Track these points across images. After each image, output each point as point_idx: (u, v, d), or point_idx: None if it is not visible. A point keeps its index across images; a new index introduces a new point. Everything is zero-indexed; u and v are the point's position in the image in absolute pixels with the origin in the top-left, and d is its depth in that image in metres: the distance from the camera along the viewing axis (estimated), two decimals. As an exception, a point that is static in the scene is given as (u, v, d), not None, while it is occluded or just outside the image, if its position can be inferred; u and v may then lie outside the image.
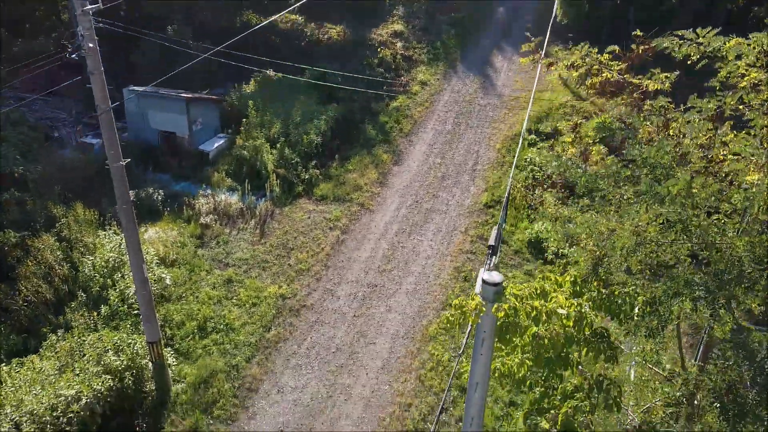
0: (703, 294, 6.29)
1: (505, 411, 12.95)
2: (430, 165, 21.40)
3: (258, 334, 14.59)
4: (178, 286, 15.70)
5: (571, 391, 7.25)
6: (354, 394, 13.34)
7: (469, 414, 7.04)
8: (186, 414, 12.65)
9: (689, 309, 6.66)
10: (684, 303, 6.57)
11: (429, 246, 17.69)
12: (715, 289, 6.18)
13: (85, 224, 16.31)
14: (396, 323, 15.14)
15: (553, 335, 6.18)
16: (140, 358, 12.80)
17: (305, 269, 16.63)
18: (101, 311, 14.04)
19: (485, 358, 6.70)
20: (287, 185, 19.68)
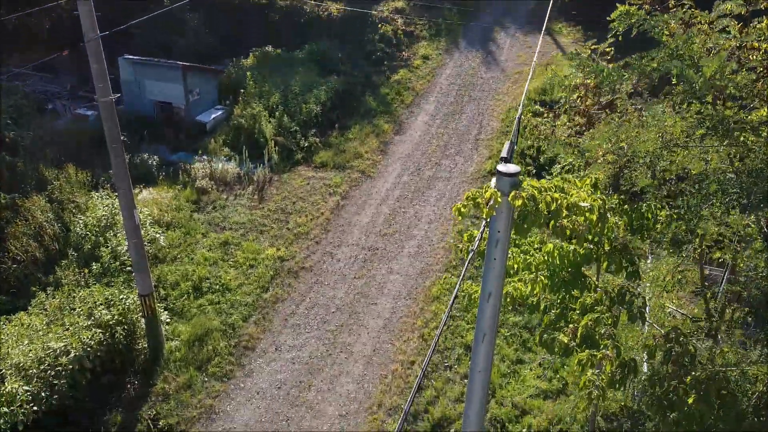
0: (736, 193, 5.78)
1: (512, 369, 12.43)
2: (433, 134, 20.90)
3: (255, 295, 14.08)
4: (172, 248, 15.20)
5: (591, 304, 6.74)
6: (355, 352, 12.83)
7: (481, 329, 6.52)
8: (180, 371, 12.14)
9: (719, 213, 6.16)
10: (714, 206, 6.07)
11: (431, 211, 17.19)
12: (751, 185, 5.67)
13: (77, 185, 15.80)
14: (398, 284, 14.63)
15: (576, 226, 5.63)
16: (132, 313, 12.29)
17: (304, 233, 16.12)
18: (93, 269, 13.52)
19: (499, 264, 6.16)
20: (286, 153, 19.18)
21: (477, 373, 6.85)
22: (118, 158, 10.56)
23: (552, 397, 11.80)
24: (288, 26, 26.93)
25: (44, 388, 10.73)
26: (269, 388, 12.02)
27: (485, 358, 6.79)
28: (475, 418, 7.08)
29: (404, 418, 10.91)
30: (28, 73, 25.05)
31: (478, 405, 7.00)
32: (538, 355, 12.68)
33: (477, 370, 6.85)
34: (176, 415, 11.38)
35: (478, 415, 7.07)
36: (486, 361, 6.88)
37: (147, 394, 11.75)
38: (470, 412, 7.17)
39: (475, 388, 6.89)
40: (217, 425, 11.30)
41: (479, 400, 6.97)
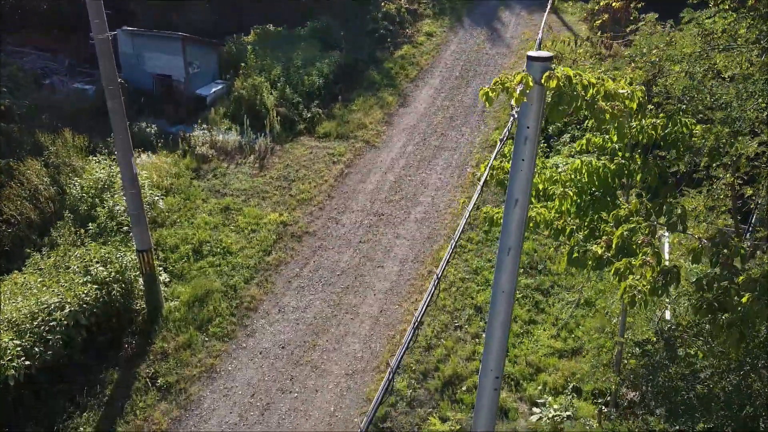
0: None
1: (525, 329, 11.96)
2: (438, 107, 20.44)
3: (257, 258, 13.61)
4: (171, 212, 14.74)
5: (626, 216, 6.26)
6: (361, 313, 12.36)
7: (506, 244, 6.03)
8: (179, 331, 11.66)
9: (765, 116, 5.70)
10: (760, 104, 5.60)
11: (438, 179, 16.72)
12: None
13: (73, 150, 15.33)
14: (405, 249, 14.16)
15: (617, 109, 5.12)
16: (130, 271, 11.81)
17: (307, 199, 15.66)
18: (89, 229, 13.05)
19: (528, 165, 5.66)
20: (288, 123, 18.73)
21: (501, 293, 6.38)
22: (115, 100, 10.09)
23: (567, 356, 11.32)
24: (289, 5, 26.49)
25: (37, 343, 10.25)
26: (272, 347, 11.54)
27: (510, 277, 6.31)
28: (498, 345, 6.61)
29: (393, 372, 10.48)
30: (26, 51, 24.66)
31: (501, 331, 6.53)
32: (551, 316, 12.22)
33: (501, 290, 6.37)
34: (175, 373, 10.90)
35: (500, 342, 6.60)
36: (511, 282, 6.39)
37: (145, 353, 11.27)
38: (492, 341, 6.70)
39: (498, 311, 6.41)
40: (218, 384, 10.82)
41: (502, 325, 6.50)
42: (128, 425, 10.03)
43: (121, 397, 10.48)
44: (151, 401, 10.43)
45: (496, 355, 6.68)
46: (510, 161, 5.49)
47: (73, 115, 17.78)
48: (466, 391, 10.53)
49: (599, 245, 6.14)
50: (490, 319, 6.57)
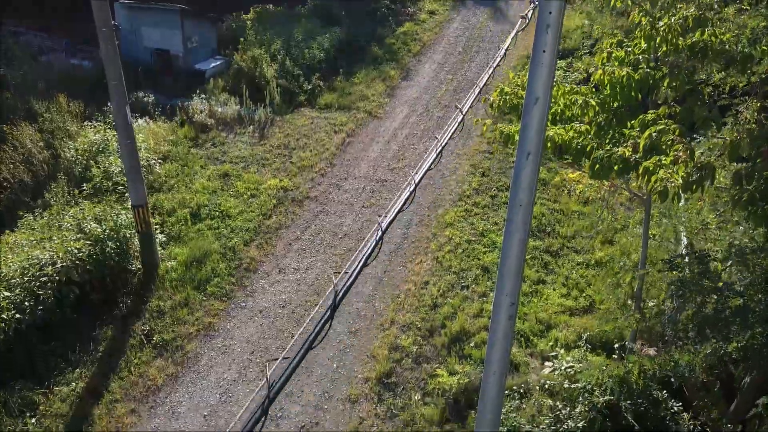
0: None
1: (534, 288, 11.54)
2: (441, 80, 20.05)
3: (257, 221, 13.21)
4: (169, 177, 14.34)
5: (653, 119, 5.85)
6: (364, 273, 11.95)
7: (524, 149, 5.62)
8: (176, 290, 11.26)
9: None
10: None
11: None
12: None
13: (68, 115, 14.95)
14: (409, 213, 13.75)
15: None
16: (125, 229, 11.41)
17: (308, 166, 15.26)
18: (84, 189, 12.66)
19: (549, 57, 5.22)
20: (288, 95, 18.34)
21: (518, 207, 5.95)
22: (109, 44, 9.70)
23: (578, 314, 10.91)
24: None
25: (28, 298, 9.85)
26: (272, 307, 11.14)
27: (528, 187, 5.93)
28: (515, 265, 6.21)
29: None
30: (24, 31, 24.31)
31: (518, 248, 6.13)
32: (561, 276, 11.81)
33: (518, 203, 5.95)
34: (172, 331, 10.50)
35: (517, 261, 6.19)
36: (529, 195, 5.99)
37: (140, 311, 10.87)
38: (508, 261, 6.29)
39: (516, 226, 5.99)
40: (216, 342, 10.41)
41: (520, 242, 6.09)
42: (122, 381, 9.62)
43: (116, 354, 10.08)
44: (147, 358, 10.02)
45: (512, 277, 6.25)
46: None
47: (68, 86, 17.38)
48: (474, 346, 10.12)
49: (625, 147, 5.73)
50: (506, 236, 6.14)
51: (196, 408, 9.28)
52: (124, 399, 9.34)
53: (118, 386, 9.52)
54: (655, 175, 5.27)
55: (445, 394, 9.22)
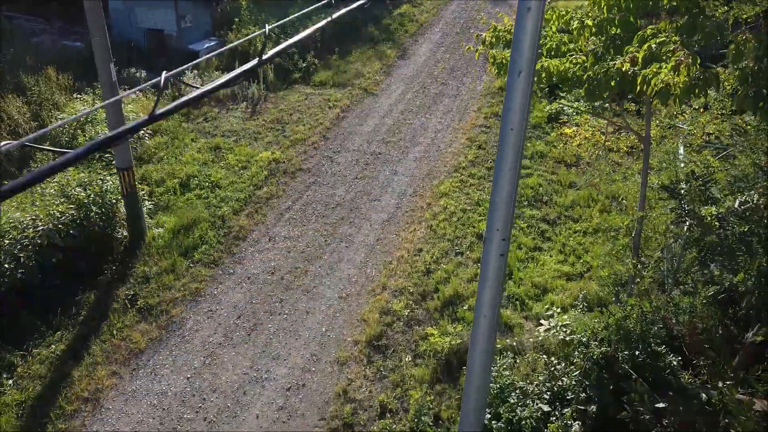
0: None
1: (530, 255, 11.23)
2: (438, 59, 19.77)
3: (248, 191, 12.92)
4: (159, 149, 14.07)
5: (652, 33, 5.53)
6: (356, 241, 11.65)
7: (517, 68, 5.31)
8: (163, 257, 10.96)
9: None
10: None
11: (438, 122, 16.03)
12: None
13: (57, 87, 14.69)
14: (403, 184, 13.45)
15: None
16: (110, 194, 11.12)
17: (301, 139, 14.97)
18: (69, 157, 12.36)
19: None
20: (283, 73, 18.08)
21: (510, 132, 5.68)
22: None
23: (575, 279, 10.59)
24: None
25: (8, 261, 9.58)
26: (261, 273, 10.84)
27: (520, 109, 5.64)
28: (506, 196, 5.90)
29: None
30: (17, 16, 24.11)
31: (510, 174, 5.82)
32: (558, 243, 11.49)
33: (509, 128, 5.68)
34: (157, 296, 10.20)
35: (508, 192, 5.88)
36: (521, 118, 5.71)
37: (125, 277, 10.58)
38: (499, 192, 5.98)
39: (507, 151, 5.71)
40: (202, 306, 10.11)
41: (511, 169, 5.79)
42: (104, 344, 9.32)
43: (98, 318, 9.78)
44: (130, 322, 9.73)
45: (503, 209, 5.96)
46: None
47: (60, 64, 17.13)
48: (468, 309, 9.80)
49: (623, 61, 5.42)
50: (498, 163, 5.86)
51: (180, 370, 8.97)
52: (105, 361, 9.04)
53: (99, 349, 9.22)
54: (655, 78, 4.94)
55: (437, 355, 8.90)
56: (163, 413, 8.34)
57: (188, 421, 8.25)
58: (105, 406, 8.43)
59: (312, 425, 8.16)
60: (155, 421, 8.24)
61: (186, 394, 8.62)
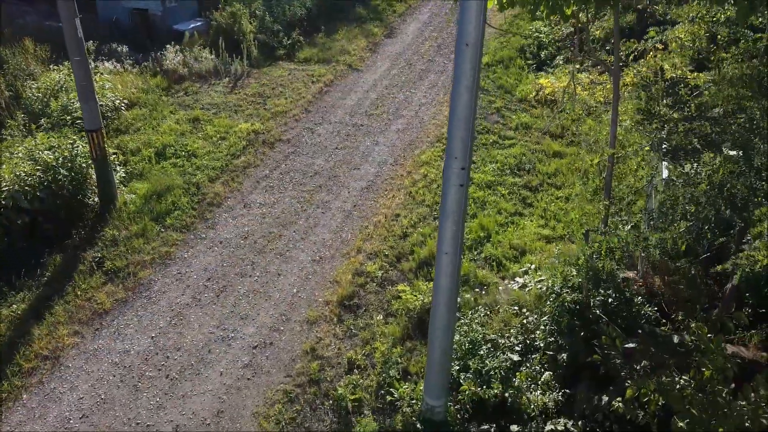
0: None
1: (510, 219, 10.96)
2: (426, 37, 19.52)
3: (224, 160, 12.66)
4: (136, 121, 13.80)
5: None
6: (333, 207, 11.39)
7: None
8: (133, 221, 10.69)
9: None
10: None
11: (423, 96, 15.78)
12: None
13: (32, 57, 14.44)
14: (384, 153, 13.20)
15: None
16: (81, 159, 10.85)
17: (282, 112, 14.71)
18: (41, 124, 12.13)
19: None
20: (267, 50, 17.82)
21: (464, 47, 5.45)
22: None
23: (555, 241, 10.32)
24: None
25: (-30, 221, 9.33)
26: (234, 238, 10.57)
27: (476, 20, 5.41)
28: (463, 126, 5.67)
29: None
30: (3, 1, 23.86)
31: (466, 96, 5.59)
32: (539, 209, 11.22)
33: (464, 43, 5.45)
34: (125, 258, 9.93)
35: (465, 121, 5.65)
36: (476, 34, 5.48)
37: (93, 240, 10.31)
38: (456, 122, 5.76)
39: (463, 62, 5.48)
40: (171, 270, 9.84)
41: (468, 86, 5.56)
42: (68, 305, 9.05)
43: (63, 280, 9.51)
44: (96, 284, 9.46)
45: (461, 134, 5.73)
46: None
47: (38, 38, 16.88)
48: (443, 270, 9.50)
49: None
50: (454, 83, 5.62)
51: (144, 330, 8.70)
52: (68, 321, 8.77)
53: (62, 309, 8.95)
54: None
55: (409, 313, 8.63)
56: (124, 371, 8.07)
57: (150, 378, 7.98)
58: (64, 364, 8.16)
59: (277, 382, 7.89)
60: (115, 378, 7.97)
61: (149, 352, 8.35)
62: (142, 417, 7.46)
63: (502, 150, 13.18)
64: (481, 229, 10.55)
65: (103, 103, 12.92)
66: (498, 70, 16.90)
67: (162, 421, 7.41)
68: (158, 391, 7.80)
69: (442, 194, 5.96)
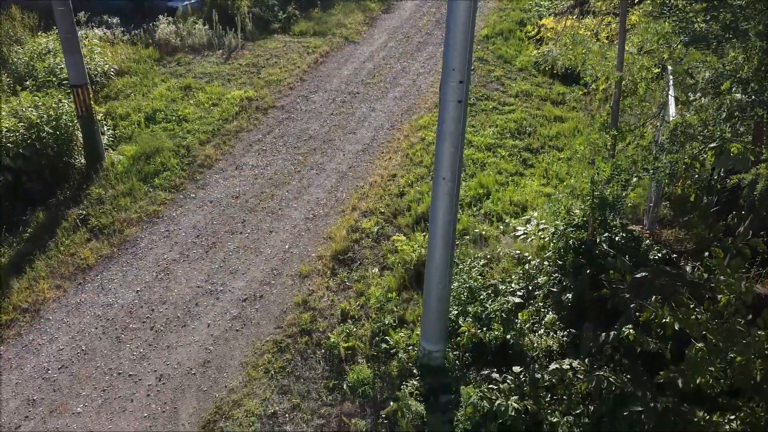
0: None
1: (510, 179, 10.60)
2: (425, 12, 19.17)
3: (216, 125, 12.29)
4: (126, 88, 13.44)
5: None
6: (328, 169, 11.03)
7: None
8: (120, 181, 10.33)
9: None
10: None
11: (421, 66, 15.43)
12: None
13: (20, 24, 14.08)
14: (381, 119, 12.84)
15: None
16: (65, 116, 10.48)
17: (277, 80, 14.34)
18: (26, 86, 11.76)
19: None
20: (262, 24, 17.45)
21: None
22: None
23: (558, 199, 9.93)
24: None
25: (-51, 175, 8.96)
26: (225, 197, 10.20)
27: None
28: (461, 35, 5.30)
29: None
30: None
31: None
32: (540, 169, 10.86)
33: None
34: (111, 216, 9.56)
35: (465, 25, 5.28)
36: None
37: (78, 199, 9.94)
38: (455, 27, 5.40)
39: None
40: (158, 227, 9.47)
41: (464, 26, 5.19)
42: (50, 260, 8.68)
43: (45, 237, 9.14)
44: (80, 240, 9.09)
45: (459, 47, 5.37)
46: None
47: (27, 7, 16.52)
48: (441, 224, 9.13)
49: None
50: (450, 8, 5.27)
51: (129, 285, 8.33)
52: (50, 276, 8.40)
53: (44, 264, 8.58)
54: None
55: (406, 265, 8.26)
56: (106, 323, 7.70)
57: (133, 330, 7.60)
58: (45, 317, 7.79)
59: (267, 333, 7.52)
60: (97, 330, 7.60)
61: (134, 305, 7.98)
62: (124, 367, 7.09)
63: (502, 115, 12.81)
64: (480, 187, 10.19)
65: (90, 67, 12.55)
66: (497, 42, 16.55)
67: (145, 371, 7.04)
68: (142, 342, 7.43)
69: (439, 112, 5.61)
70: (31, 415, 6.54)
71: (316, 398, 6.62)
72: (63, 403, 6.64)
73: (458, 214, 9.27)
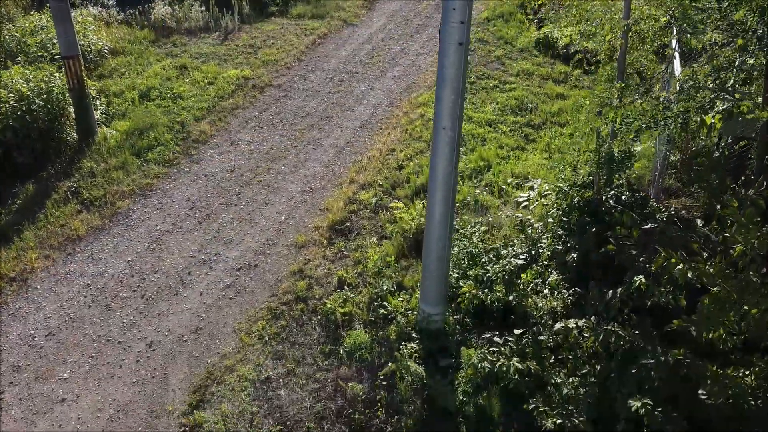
0: None
1: (512, 153, 10.37)
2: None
3: (212, 102, 12.06)
4: (120, 67, 13.21)
5: None
6: (325, 144, 10.80)
7: None
8: (113, 155, 10.10)
9: None
10: None
11: (420, 47, 15.20)
12: None
13: (12, 3, 13.86)
14: (379, 97, 12.61)
15: None
16: (58, 90, 10.25)
17: (274, 60, 14.11)
18: (18, 61, 11.53)
19: None
20: (260, 6, 17.21)
21: None
22: None
23: (559, 171, 9.71)
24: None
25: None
26: (219, 172, 9.98)
27: None
28: None
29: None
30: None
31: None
32: (542, 143, 10.63)
33: None
34: (103, 188, 9.34)
35: None
36: None
37: (69, 172, 9.72)
38: None
39: None
40: (151, 200, 9.25)
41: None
42: (39, 231, 8.45)
43: (35, 208, 8.92)
44: (70, 212, 8.86)
45: None
46: None
47: None
48: (441, 195, 8.90)
49: None
50: None
51: (120, 255, 8.10)
52: (38, 246, 8.17)
53: (32, 234, 8.36)
54: None
55: (404, 234, 8.03)
56: (96, 292, 7.47)
57: (123, 298, 7.37)
58: (32, 286, 7.56)
59: (261, 301, 7.29)
60: (86, 299, 7.37)
61: (125, 275, 7.75)
62: (113, 334, 6.86)
63: (503, 93, 12.58)
64: (480, 160, 9.96)
65: (84, 44, 12.32)
66: (498, 24, 16.32)
67: (135, 339, 6.81)
68: (132, 310, 7.20)
69: (439, 57, 5.37)
70: (16, 380, 6.31)
71: (311, 363, 6.38)
72: (49, 369, 6.41)
73: (458, 185, 9.07)
